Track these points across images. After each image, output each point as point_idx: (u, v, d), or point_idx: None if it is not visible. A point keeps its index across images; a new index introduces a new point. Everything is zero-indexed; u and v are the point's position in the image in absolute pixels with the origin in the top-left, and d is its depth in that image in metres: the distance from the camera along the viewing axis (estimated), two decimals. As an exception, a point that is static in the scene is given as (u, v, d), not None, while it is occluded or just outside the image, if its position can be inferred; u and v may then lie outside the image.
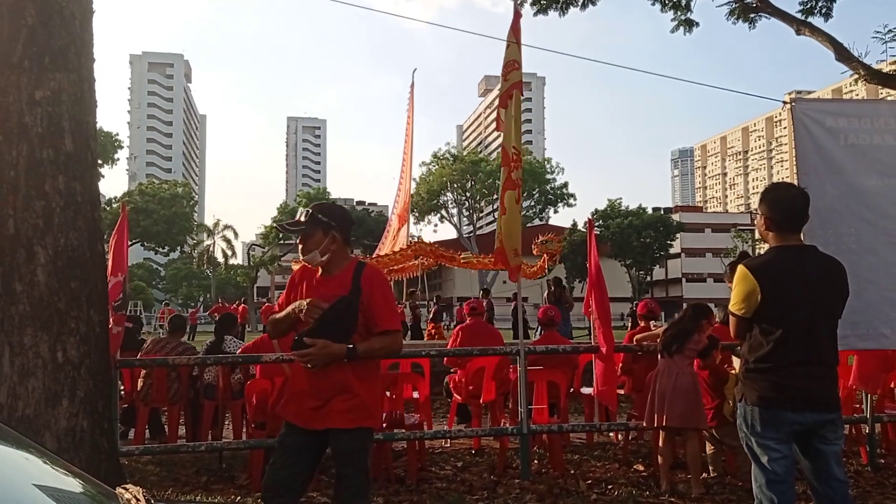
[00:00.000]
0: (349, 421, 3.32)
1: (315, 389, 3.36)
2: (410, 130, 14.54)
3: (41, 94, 4.29)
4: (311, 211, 3.48)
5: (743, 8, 11.69)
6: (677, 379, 5.47)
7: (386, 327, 3.41)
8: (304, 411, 3.38)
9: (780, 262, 3.36)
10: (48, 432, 4.10)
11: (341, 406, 3.32)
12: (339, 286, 3.40)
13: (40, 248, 4.21)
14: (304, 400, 3.39)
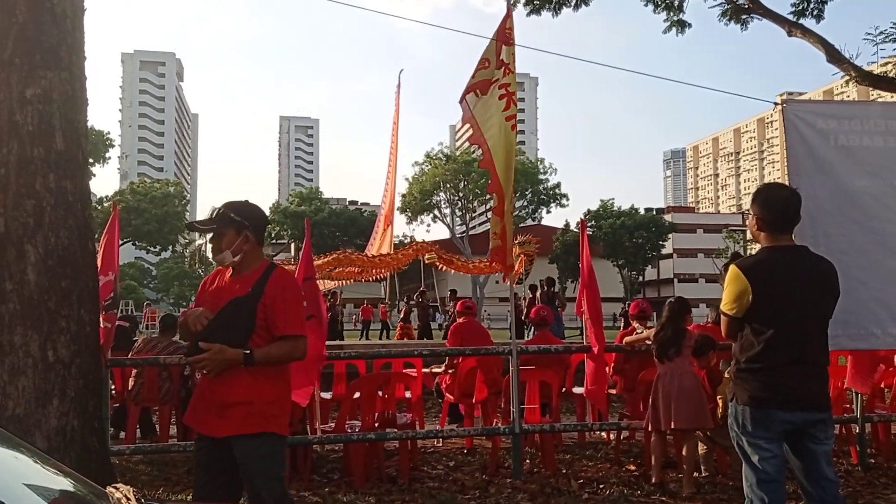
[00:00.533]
0: (248, 426, 3.21)
1: (214, 395, 3.27)
2: (396, 131, 14.51)
3: (32, 92, 4.27)
4: (223, 209, 3.37)
5: (735, 9, 11.73)
6: (681, 380, 5.48)
7: (286, 332, 3.29)
8: (205, 418, 3.30)
9: (772, 262, 3.37)
10: (38, 432, 4.09)
11: (239, 412, 3.21)
12: (244, 288, 3.30)
13: (31, 246, 4.19)
14: (205, 406, 3.31)
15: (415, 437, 6.27)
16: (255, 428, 3.22)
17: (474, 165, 54.91)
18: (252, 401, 3.24)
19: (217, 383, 3.25)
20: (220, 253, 3.34)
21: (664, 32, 12.56)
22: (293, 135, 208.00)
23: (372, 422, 5.94)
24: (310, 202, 62.36)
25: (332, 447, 6.64)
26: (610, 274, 60.86)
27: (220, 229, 3.35)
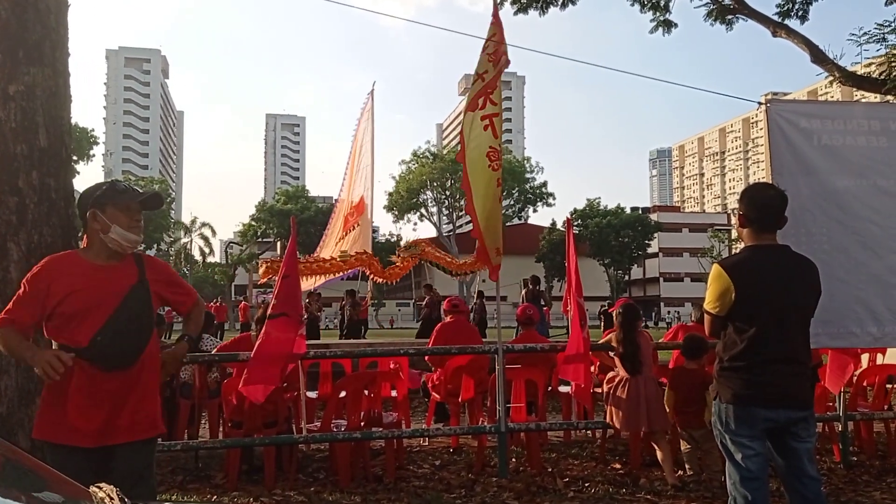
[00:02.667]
0: (144, 431, 3.04)
1: (100, 400, 2.95)
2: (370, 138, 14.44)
3: (15, 88, 4.23)
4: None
5: (720, 9, 11.79)
6: (646, 385, 5.71)
7: (193, 300, 3.30)
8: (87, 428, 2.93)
9: (754, 260, 3.40)
10: (21, 431, 4.06)
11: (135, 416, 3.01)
12: (125, 275, 3.07)
13: (13, 244, 4.16)
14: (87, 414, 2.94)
15: (401, 436, 6.26)
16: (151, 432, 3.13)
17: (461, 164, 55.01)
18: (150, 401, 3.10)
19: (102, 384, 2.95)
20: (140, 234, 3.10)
21: (651, 32, 12.63)
22: (279, 133, 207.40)
23: (358, 421, 5.93)
24: (296, 200, 62.14)
25: (318, 446, 6.63)
26: (596, 273, 61.11)
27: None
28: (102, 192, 3.09)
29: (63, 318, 2.96)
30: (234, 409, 5.87)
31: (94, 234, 3.06)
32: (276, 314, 5.45)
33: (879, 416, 6.66)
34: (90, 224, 3.06)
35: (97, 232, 3.05)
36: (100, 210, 3.05)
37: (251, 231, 62.19)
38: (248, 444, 5.82)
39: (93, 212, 3.05)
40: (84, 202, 3.10)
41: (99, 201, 3.06)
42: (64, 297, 2.96)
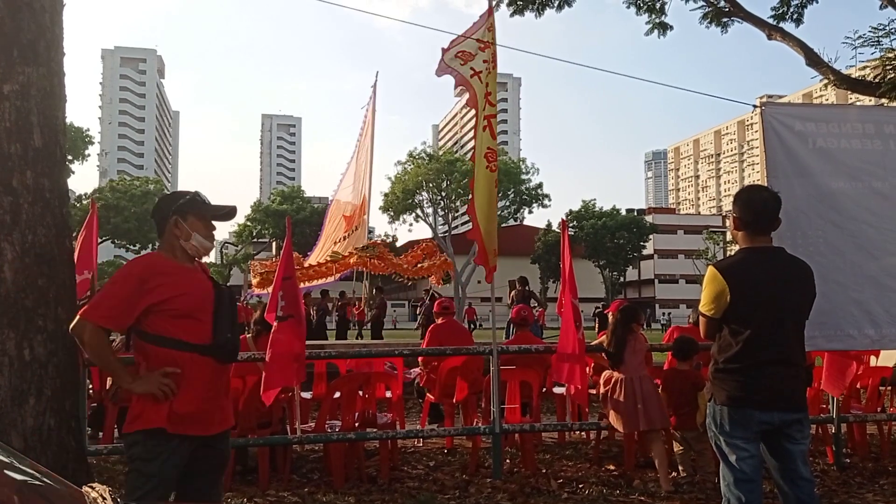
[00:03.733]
0: (230, 421, 3.36)
1: (216, 392, 3.21)
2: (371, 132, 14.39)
3: (9, 87, 4.22)
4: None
5: (716, 12, 11.84)
6: (641, 384, 5.73)
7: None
8: (212, 417, 3.17)
9: (749, 263, 3.41)
10: (14, 431, 4.04)
11: (227, 407, 3.34)
12: (204, 277, 3.30)
13: (7, 244, 4.14)
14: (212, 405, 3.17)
15: (395, 436, 6.26)
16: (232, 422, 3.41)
17: (457, 165, 55.06)
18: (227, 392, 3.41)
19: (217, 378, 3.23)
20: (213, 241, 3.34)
21: (646, 34, 12.67)
22: (275, 133, 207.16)
23: (352, 421, 5.93)
24: (291, 201, 62.11)
25: (312, 447, 6.62)
26: (591, 274, 61.17)
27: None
28: (186, 201, 3.25)
29: (172, 316, 3.09)
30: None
31: (174, 239, 3.22)
32: (285, 316, 5.48)
33: (873, 418, 6.69)
34: (171, 229, 3.21)
35: (177, 238, 3.21)
36: (181, 218, 3.21)
37: (246, 231, 62.13)
38: (242, 445, 5.81)
39: (175, 219, 3.20)
40: (165, 208, 3.26)
41: (181, 210, 3.22)
42: (172, 297, 3.09)
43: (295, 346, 5.47)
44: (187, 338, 3.09)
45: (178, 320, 3.10)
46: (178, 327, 3.09)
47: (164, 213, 3.25)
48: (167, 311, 3.08)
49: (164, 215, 3.24)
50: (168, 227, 3.22)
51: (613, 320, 6.05)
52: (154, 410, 3.04)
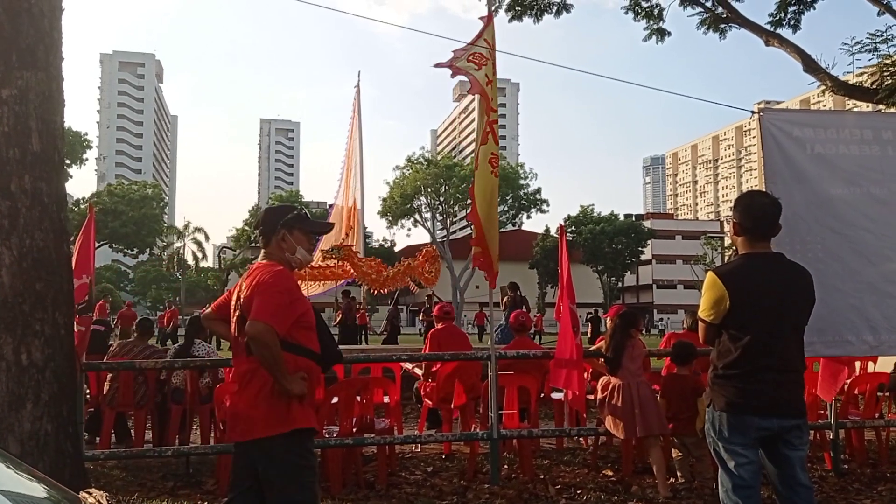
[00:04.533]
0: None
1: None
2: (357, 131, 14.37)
3: (8, 92, 4.23)
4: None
5: (714, 18, 11.88)
6: (640, 390, 5.71)
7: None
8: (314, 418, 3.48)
9: (749, 268, 3.41)
10: (11, 436, 4.04)
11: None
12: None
13: (5, 248, 4.14)
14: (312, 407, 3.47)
15: (393, 442, 6.25)
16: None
17: (455, 170, 55.13)
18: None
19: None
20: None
21: (644, 40, 12.71)
22: (273, 137, 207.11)
23: (350, 427, 5.92)
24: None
25: (310, 452, 6.60)
26: (590, 279, 61.16)
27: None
28: (293, 216, 3.41)
29: (304, 327, 3.29)
30: (226, 411, 5.84)
31: (281, 251, 3.37)
32: None
33: (870, 423, 6.68)
34: (278, 242, 3.37)
35: (283, 250, 3.37)
36: (288, 232, 3.37)
37: (244, 236, 62.06)
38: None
39: (283, 233, 3.36)
40: (273, 220, 3.41)
41: (289, 224, 3.38)
42: (307, 309, 3.31)
43: None
44: (313, 347, 3.31)
45: (307, 331, 3.29)
46: (307, 338, 3.29)
47: (272, 225, 3.38)
48: (303, 322, 3.27)
49: (272, 228, 3.37)
50: (275, 240, 3.36)
51: (612, 326, 6.05)
52: (304, 412, 3.23)
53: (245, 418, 3.20)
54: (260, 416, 3.15)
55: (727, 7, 11.63)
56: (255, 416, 3.16)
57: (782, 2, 11.56)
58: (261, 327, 3.08)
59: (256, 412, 3.16)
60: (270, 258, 3.35)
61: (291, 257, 3.37)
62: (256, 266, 3.35)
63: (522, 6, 12.31)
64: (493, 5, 11.78)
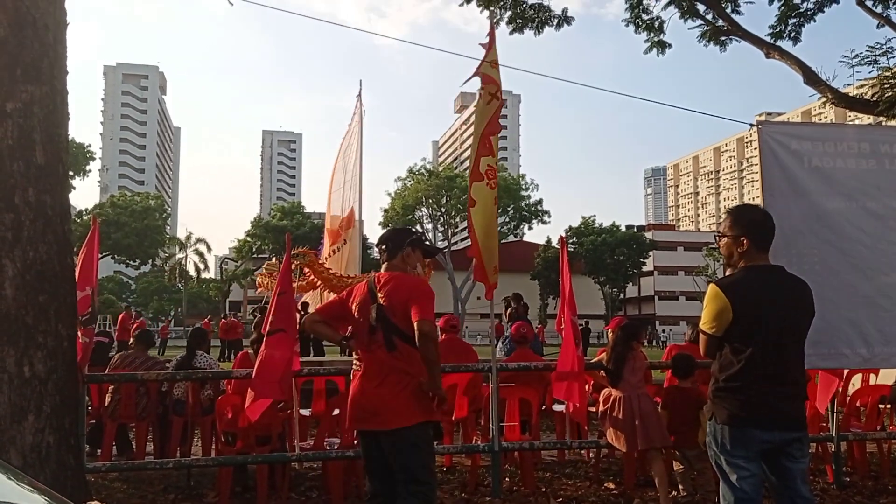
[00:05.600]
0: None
1: None
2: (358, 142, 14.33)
3: (12, 105, 4.26)
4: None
5: (714, 31, 11.92)
6: (641, 403, 5.65)
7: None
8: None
9: (752, 281, 3.41)
10: (13, 448, 4.04)
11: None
12: None
13: (8, 261, 4.16)
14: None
15: (394, 454, 6.23)
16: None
17: (457, 181, 55.18)
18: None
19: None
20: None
21: (645, 53, 12.75)
22: (276, 149, 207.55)
23: (351, 439, 5.91)
24: (292, 216, 62.17)
25: (311, 465, 6.60)
26: (591, 291, 61.10)
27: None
28: (416, 238, 4.05)
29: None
30: (228, 423, 5.86)
31: (404, 265, 3.93)
32: (274, 330, 5.48)
33: (872, 436, 6.67)
34: (404, 257, 3.93)
35: (406, 265, 3.93)
36: (412, 249, 3.95)
37: (246, 247, 62.12)
38: (240, 462, 5.80)
39: (408, 250, 3.94)
40: (401, 239, 3.99)
41: (414, 243, 3.98)
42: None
43: (284, 360, 5.46)
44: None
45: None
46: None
47: (399, 243, 3.95)
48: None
49: (399, 245, 3.94)
50: (401, 255, 3.92)
51: (614, 337, 6.03)
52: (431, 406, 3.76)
53: (387, 409, 3.62)
54: (402, 407, 3.62)
55: (727, 20, 11.68)
56: (397, 408, 3.62)
57: (782, 14, 11.61)
58: (431, 326, 3.64)
59: (398, 403, 3.62)
60: (394, 269, 3.89)
61: (412, 270, 3.93)
62: (392, 275, 3.85)
63: (524, 19, 12.36)
64: (494, 18, 11.84)
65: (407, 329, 3.65)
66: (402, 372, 3.65)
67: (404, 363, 3.67)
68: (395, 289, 3.72)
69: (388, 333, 3.68)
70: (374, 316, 3.72)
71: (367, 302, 3.79)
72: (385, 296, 3.72)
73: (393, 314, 3.68)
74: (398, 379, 3.64)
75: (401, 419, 3.59)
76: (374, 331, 3.72)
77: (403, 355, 3.68)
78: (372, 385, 3.69)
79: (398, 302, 3.68)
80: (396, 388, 3.63)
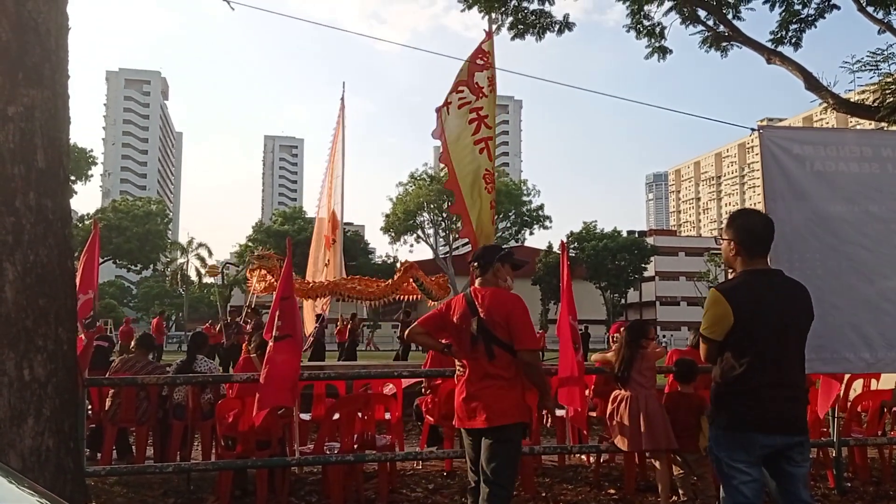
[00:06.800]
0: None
1: None
2: (341, 145, 14.40)
3: (14, 109, 4.27)
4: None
5: (715, 37, 11.95)
6: (647, 403, 5.59)
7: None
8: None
9: (752, 285, 3.41)
10: (13, 451, 4.04)
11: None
12: None
13: (9, 264, 4.17)
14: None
15: (394, 459, 6.24)
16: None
17: (458, 186, 55.09)
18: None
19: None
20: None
21: (646, 58, 12.77)
22: (278, 154, 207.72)
23: (351, 443, 5.91)
24: (293, 221, 62.20)
25: (311, 469, 6.59)
26: (592, 296, 61.04)
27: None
28: (506, 253, 4.33)
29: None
30: (228, 427, 5.85)
31: (496, 280, 4.23)
32: (281, 336, 5.48)
33: (873, 441, 6.65)
34: (494, 272, 4.23)
35: (497, 279, 4.23)
36: (501, 265, 4.24)
37: (248, 252, 62.12)
38: (240, 467, 5.79)
39: (498, 266, 4.24)
40: (492, 255, 4.31)
41: (503, 258, 4.27)
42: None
43: (291, 366, 5.46)
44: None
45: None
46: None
47: (490, 259, 4.26)
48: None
49: (490, 261, 4.24)
50: (493, 270, 4.23)
51: (621, 339, 5.94)
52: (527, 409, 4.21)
53: (489, 409, 3.99)
54: (502, 408, 4.00)
55: (728, 25, 11.71)
56: (498, 408, 4.00)
57: (784, 20, 11.64)
58: (533, 357, 4.14)
59: (499, 405, 4.00)
60: (487, 284, 4.20)
61: (503, 283, 4.21)
62: (488, 291, 4.16)
63: (525, 24, 12.40)
64: (494, 24, 11.87)
65: (505, 339, 4.02)
66: (501, 377, 4.03)
67: (503, 370, 4.04)
68: (494, 304, 4.08)
69: (489, 343, 4.03)
70: (476, 328, 4.07)
71: (467, 315, 4.13)
72: (484, 310, 4.07)
73: (493, 326, 4.03)
74: (499, 383, 4.03)
75: (501, 418, 3.98)
76: (475, 341, 4.07)
77: (502, 362, 4.03)
78: (476, 388, 4.08)
79: (498, 316, 4.04)
80: (498, 392, 4.02)
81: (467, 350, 4.15)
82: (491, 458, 4.00)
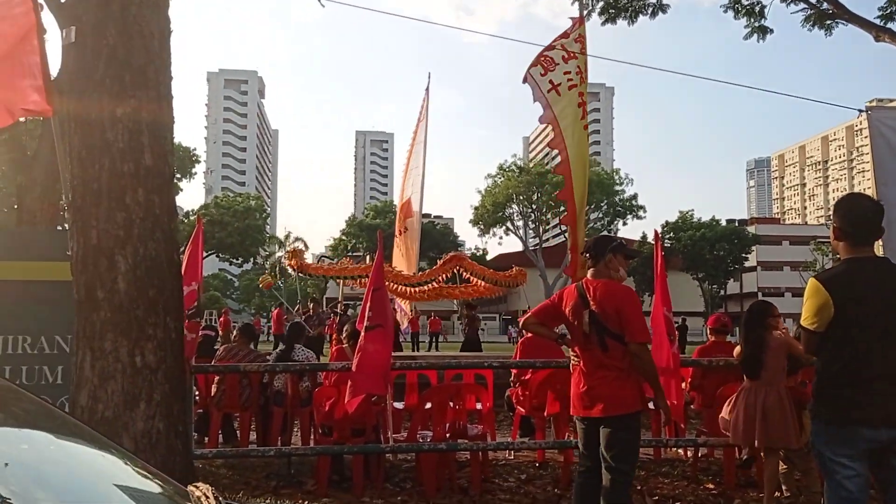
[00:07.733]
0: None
1: None
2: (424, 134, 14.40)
3: (122, 110, 4.50)
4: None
5: (818, 14, 11.37)
6: (766, 397, 5.24)
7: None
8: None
9: (853, 273, 3.28)
10: (126, 433, 4.28)
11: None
12: None
13: (121, 257, 4.41)
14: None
15: (486, 448, 6.27)
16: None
17: (548, 177, 54.57)
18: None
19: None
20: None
21: (745, 38, 12.26)
22: (368, 149, 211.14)
23: (443, 432, 5.98)
24: (384, 215, 63.13)
25: (405, 457, 6.71)
26: (689, 287, 59.31)
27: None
28: (618, 244, 4.37)
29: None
30: (325, 415, 6.02)
31: (608, 270, 4.27)
32: (372, 326, 5.60)
33: None
34: (608, 262, 4.26)
35: (610, 270, 4.27)
36: (613, 255, 4.27)
37: (342, 245, 63.55)
38: (337, 452, 5.95)
39: (610, 256, 4.26)
40: (603, 246, 4.32)
41: (615, 250, 4.30)
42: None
43: (383, 356, 5.57)
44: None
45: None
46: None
47: (602, 250, 4.28)
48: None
49: (602, 252, 4.26)
50: (605, 261, 4.25)
51: (743, 323, 5.58)
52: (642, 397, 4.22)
53: (605, 399, 4.06)
54: (619, 397, 4.05)
55: (832, 2, 11.11)
56: (614, 398, 4.05)
57: (894, -6, 10.94)
58: (643, 349, 4.14)
59: (615, 394, 4.06)
60: (599, 276, 4.23)
61: (615, 275, 4.25)
62: (599, 283, 4.20)
63: (616, 8, 12.12)
64: (584, 9, 11.66)
65: (617, 330, 4.07)
66: (616, 368, 4.08)
67: (616, 360, 4.09)
68: (605, 296, 4.12)
69: (602, 335, 4.09)
70: (588, 321, 4.12)
71: (579, 307, 4.19)
72: (596, 302, 4.12)
73: (605, 319, 4.07)
74: (613, 374, 4.08)
75: (618, 408, 4.04)
76: (588, 332, 4.13)
77: (616, 353, 4.08)
78: (591, 379, 4.13)
79: (610, 308, 4.08)
80: (613, 382, 4.08)
81: (581, 341, 4.21)
82: (611, 446, 4.06)
